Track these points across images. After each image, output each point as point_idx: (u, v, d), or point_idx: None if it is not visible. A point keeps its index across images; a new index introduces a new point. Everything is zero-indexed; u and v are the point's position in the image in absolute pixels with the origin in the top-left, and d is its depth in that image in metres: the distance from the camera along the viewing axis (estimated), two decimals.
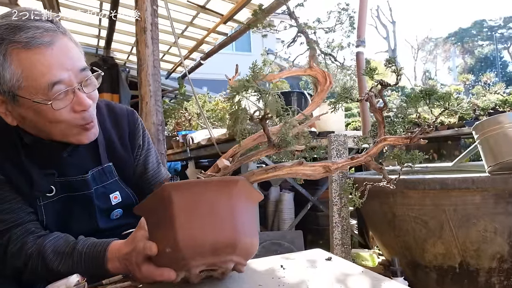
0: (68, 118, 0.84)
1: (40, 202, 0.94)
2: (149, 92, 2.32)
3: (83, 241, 0.86)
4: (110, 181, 1.04)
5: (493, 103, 4.42)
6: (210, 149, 3.27)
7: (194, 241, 0.62)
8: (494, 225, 1.97)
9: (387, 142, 0.71)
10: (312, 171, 0.72)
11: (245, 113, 0.61)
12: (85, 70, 0.86)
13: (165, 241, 0.65)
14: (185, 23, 4.47)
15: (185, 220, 0.63)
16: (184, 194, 0.65)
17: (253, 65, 0.64)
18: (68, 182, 0.97)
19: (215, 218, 0.65)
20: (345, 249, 2.59)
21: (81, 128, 0.88)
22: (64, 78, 0.81)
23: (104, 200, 1.03)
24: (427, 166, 3.00)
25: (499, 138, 1.92)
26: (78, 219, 0.99)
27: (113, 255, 0.80)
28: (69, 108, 0.84)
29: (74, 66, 0.83)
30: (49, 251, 0.84)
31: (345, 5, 1.92)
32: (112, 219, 1.06)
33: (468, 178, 1.96)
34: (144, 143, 1.15)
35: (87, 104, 0.85)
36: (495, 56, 22.98)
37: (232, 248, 0.64)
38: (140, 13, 2.29)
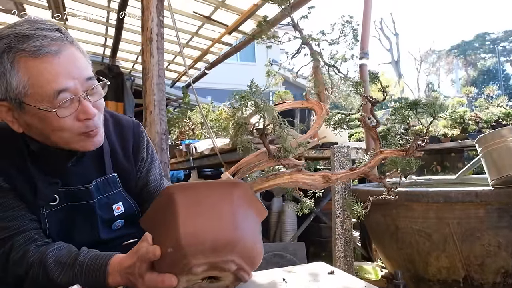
0: (72, 126, 0.85)
1: (44, 211, 0.94)
2: (153, 102, 2.34)
3: (85, 252, 0.85)
4: (114, 192, 1.04)
5: (496, 116, 4.42)
6: (213, 159, 3.27)
7: (195, 238, 0.63)
8: (498, 239, 1.95)
9: (383, 155, 0.73)
10: (312, 180, 0.73)
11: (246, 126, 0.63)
12: (91, 79, 0.87)
13: (167, 241, 0.66)
14: (190, 33, 4.52)
15: (187, 219, 0.65)
16: (187, 194, 0.67)
17: (251, 83, 0.66)
18: (71, 191, 0.97)
19: (216, 217, 0.66)
20: (347, 261, 2.57)
21: (85, 136, 0.89)
22: (70, 86, 0.82)
23: (107, 210, 1.03)
24: (430, 179, 3.00)
25: (502, 151, 1.92)
26: (80, 229, 0.99)
27: (114, 269, 0.79)
28: (74, 116, 0.84)
29: (81, 75, 0.84)
30: (50, 261, 0.84)
31: (348, 18, 1.94)
32: (113, 229, 1.06)
33: (472, 191, 1.95)
34: (147, 156, 1.15)
35: (92, 113, 0.86)
36: (498, 69, 23.02)
37: (232, 246, 0.65)
38: (146, 24, 2.32)
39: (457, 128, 4.85)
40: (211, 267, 0.66)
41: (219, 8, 3.81)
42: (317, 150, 3.00)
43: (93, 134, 0.89)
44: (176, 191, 0.68)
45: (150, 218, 0.73)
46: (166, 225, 0.67)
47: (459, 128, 4.81)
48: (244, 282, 0.74)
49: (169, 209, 0.67)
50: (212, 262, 0.65)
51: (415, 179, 3.02)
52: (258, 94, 0.70)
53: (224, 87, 14.26)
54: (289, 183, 0.74)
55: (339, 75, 1.81)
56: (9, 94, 0.80)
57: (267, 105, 0.65)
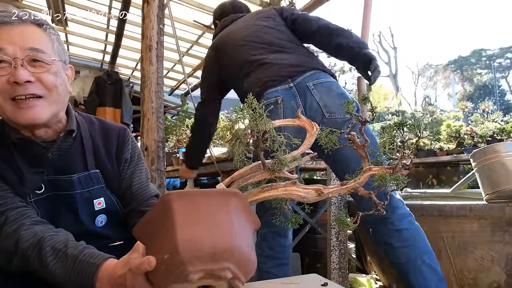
0: (3, 88, 0.86)
1: (31, 198, 0.96)
2: (151, 109, 2.35)
3: (82, 247, 0.85)
4: (96, 187, 1.06)
5: (491, 131, 4.47)
6: (210, 167, 3.27)
7: (193, 244, 0.63)
8: (491, 253, 1.96)
9: (372, 172, 0.76)
10: (305, 193, 0.75)
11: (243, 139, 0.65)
12: (36, 50, 0.89)
13: (164, 248, 0.65)
14: (190, 42, 4.56)
15: (185, 225, 0.64)
16: (184, 202, 0.67)
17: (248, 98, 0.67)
18: (55, 180, 1.00)
19: (214, 225, 0.66)
20: (342, 273, 2.56)
21: (16, 104, 0.88)
22: (7, 48, 0.86)
23: (88, 204, 1.04)
24: (426, 192, 3.01)
25: (496, 166, 1.94)
26: (65, 218, 1.01)
27: (104, 275, 0.78)
28: (5, 79, 0.86)
29: (24, 43, 0.88)
30: (48, 244, 0.84)
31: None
32: (97, 225, 1.06)
33: (466, 205, 1.96)
34: (132, 158, 1.17)
35: (21, 78, 0.86)
36: (493, 85, 23.30)
37: (230, 254, 0.65)
38: (146, 31, 2.35)
39: (453, 142, 4.90)
40: (207, 274, 0.66)
41: None
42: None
43: (25, 105, 0.89)
44: (173, 198, 0.67)
45: (145, 226, 0.72)
46: (162, 232, 0.67)
47: (455, 142, 4.85)
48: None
49: (166, 216, 0.66)
50: (208, 270, 0.65)
51: (410, 191, 3.03)
52: (255, 107, 0.71)
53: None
54: (283, 195, 0.75)
55: None
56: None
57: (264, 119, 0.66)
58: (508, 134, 4.35)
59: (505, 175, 1.90)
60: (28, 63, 0.88)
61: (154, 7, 2.37)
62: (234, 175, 0.84)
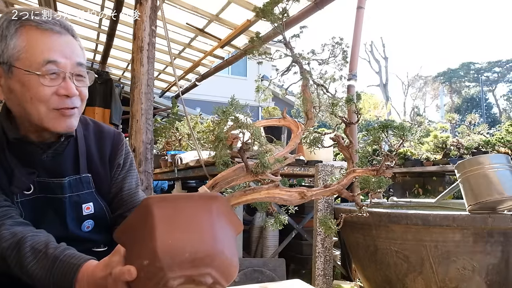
0: (49, 98, 0.89)
1: (18, 198, 0.95)
2: (140, 110, 2.34)
3: (63, 247, 0.84)
4: (86, 191, 1.05)
5: (477, 143, 4.55)
6: (198, 171, 3.26)
7: (172, 250, 0.62)
8: (473, 263, 1.99)
9: (356, 174, 0.77)
10: (288, 196, 0.75)
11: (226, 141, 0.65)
12: (81, 66, 0.95)
13: (143, 254, 0.64)
14: (183, 44, 4.55)
15: (165, 231, 0.63)
16: (165, 206, 0.66)
17: (231, 99, 0.68)
18: (46, 182, 0.99)
19: (195, 230, 0.65)
20: (326, 280, 2.57)
21: (59, 114, 0.91)
22: (59, 61, 0.89)
23: (76, 208, 1.03)
24: (411, 201, 3.05)
25: (479, 178, 1.98)
26: (50, 221, 0.99)
27: (83, 276, 0.77)
28: (54, 90, 0.89)
29: (72, 58, 0.92)
30: (27, 244, 0.83)
31: (339, 39, 2.00)
32: (83, 230, 1.05)
33: (449, 215, 1.99)
34: (125, 164, 1.17)
35: (72, 92, 0.91)
36: (481, 98, 23.77)
37: (210, 259, 0.64)
38: (137, 32, 2.34)
39: (440, 153, 4.97)
40: (187, 280, 0.65)
41: (212, 22, 3.86)
42: (302, 167, 3.03)
43: (67, 113, 0.92)
44: (153, 203, 0.66)
45: (126, 230, 0.71)
46: (142, 237, 0.66)
47: (441, 153, 4.92)
48: None
49: (146, 221, 0.65)
50: (189, 275, 0.64)
51: (396, 200, 3.07)
52: (239, 110, 0.71)
53: (214, 100, 14.30)
54: (266, 198, 0.75)
55: (327, 94, 1.85)
56: (4, 56, 0.87)
57: (247, 121, 0.67)
58: (492, 147, 4.44)
59: (488, 187, 1.94)
60: (74, 77, 0.93)
61: (147, 9, 2.36)
62: (217, 178, 0.84)
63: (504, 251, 1.99)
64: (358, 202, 0.78)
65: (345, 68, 1.94)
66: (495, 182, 1.94)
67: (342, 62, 1.93)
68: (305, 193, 0.79)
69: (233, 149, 0.87)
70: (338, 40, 1.96)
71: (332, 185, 0.81)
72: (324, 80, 2.04)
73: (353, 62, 3.47)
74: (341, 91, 1.89)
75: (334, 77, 1.84)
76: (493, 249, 1.98)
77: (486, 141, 4.46)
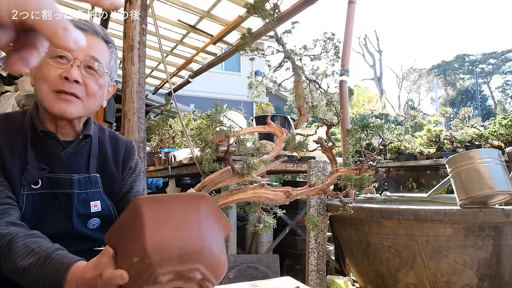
0: (52, 78, 0.94)
1: (24, 191, 0.98)
2: (132, 109, 2.33)
3: (56, 247, 0.84)
4: (94, 190, 1.09)
5: (470, 136, 4.58)
6: (192, 168, 3.26)
7: (161, 246, 0.64)
8: (464, 257, 2.01)
9: (339, 173, 0.78)
10: (274, 195, 0.76)
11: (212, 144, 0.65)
12: (96, 60, 0.99)
13: (133, 252, 0.65)
14: (174, 41, 4.53)
15: (154, 229, 0.65)
16: (154, 206, 0.68)
17: (216, 104, 0.68)
18: (56, 178, 1.03)
19: (184, 227, 0.67)
20: (320, 275, 2.59)
21: (57, 96, 0.96)
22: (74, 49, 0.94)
23: (84, 205, 1.06)
24: (404, 196, 3.07)
25: (470, 173, 1.99)
26: (55, 217, 1.02)
27: (72, 276, 0.77)
28: (59, 73, 0.95)
29: (88, 51, 0.98)
30: (20, 243, 0.83)
31: (331, 35, 1.99)
32: (88, 227, 1.07)
33: (441, 210, 2.01)
34: (136, 168, 1.24)
35: (72, 75, 0.95)
36: (475, 90, 23.86)
37: (199, 255, 0.65)
38: (128, 31, 2.32)
39: (433, 147, 5.00)
40: (177, 276, 0.66)
41: (204, 18, 3.84)
42: (295, 163, 3.04)
43: (64, 97, 0.97)
44: (142, 203, 0.68)
45: (116, 231, 0.72)
46: (132, 236, 0.67)
47: (435, 147, 4.95)
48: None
49: (135, 220, 0.67)
50: (178, 271, 0.65)
51: (389, 195, 3.09)
52: (224, 114, 0.71)
53: (208, 96, 14.26)
54: (252, 197, 0.76)
55: (319, 90, 1.85)
56: None
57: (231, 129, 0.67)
58: (486, 140, 4.47)
59: (479, 182, 1.96)
60: (83, 67, 0.98)
61: (137, 7, 2.34)
62: (205, 181, 0.85)
63: (495, 245, 2.01)
64: (342, 199, 0.79)
65: (337, 63, 1.94)
66: (486, 176, 1.95)
67: (334, 57, 1.93)
68: (290, 193, 0.80)
69: (220, 151, 0.87)
70: (329, 36, 1.95)
71: (317, 185, 0.82)
72: (317, 76, 2.04)
73: (345, 57, 3.46)
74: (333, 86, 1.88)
75: (326, 72, 1.82)
76: (484, 243, 2.00)
77: (479, 135, 4.49)
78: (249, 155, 0.79)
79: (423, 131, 5.11)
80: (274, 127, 0.90)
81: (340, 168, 0.80)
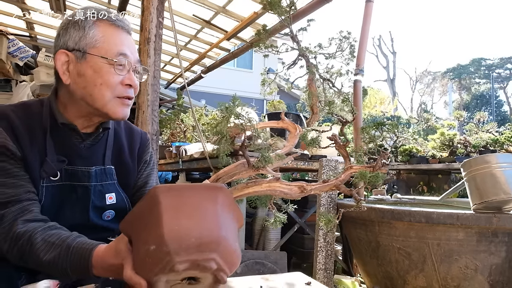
0: (115, 85, 1.00)
1: (44, 183, 0.99)
2: (146, 102, 2.34)
3: (74, 236, 0.87)
4: (108, 182, 1.11)
5: (485, 141, 4.50)
6: (202, 163, 3.27)
7: (179, 235, 0.64)
8: (476, 262, 1.98)
9: (353, 170, 0.78)
10: (288, 189, 0.76)
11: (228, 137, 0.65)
12: (139, 63, 1.08)
13: (150, 240, 0.66)
14: (189, 36, 4.54)
15: (171, 217, 0.65)
16: (171, 195, 0.68)
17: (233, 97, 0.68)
18: (74, 171, 1.05)
19: (201, 217, 0.67)
20: (327, 274, 2.58)
21: (120, 101, 1.02)
22: (129, 56, 1.03)
23: (100, 197, 1.08)
24: (415, 198, 3.03)
25: (486, 177, 1.95)
26: (72, 209, 1.04)
27: (97, 262, 0.81)
28: (120, 79, 1.01)
29: (135, 54, 1.06)
30: (39, 239, 0.86)
31: (346, 34, 1.98)
32: (103, 219, 1.10)
33: (453, 214, 1.98)
34: (150, 161, 1.27)
35: (135, 83, 1.04)
36: (491, 95, 23.41)
37: (215, 245, 0.66)
38: (145, 24, 2.33)
39: (446, 151, 4.93)
40: (193, 265, 0.66)
41: (219, 14, 3.84)
42: (306, 162, 3.02)
43: (126, 103, 1.04)
44: (160, 192, 0.68)
45: (132, 219, 0.73)
46: (149, 224, 0.68)
47: (448, 151, 4.88)
48: (222, 284, 0.74)
49: (153, 208, 0.67)
50: (194, 260, 0.65)
51: (400, 197, 3.05)
52: (241, 107, 0.71)
53: (219, 92, 14.28)
54: (267, 190, 0.76)
55: (333, 89, 1.84)
56: (80, 43, 0.98)
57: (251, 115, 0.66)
58: (501, 145, 4.39)
59: (494, 186, 1.92)
60: (135, 72, 1.06)
61: (154, 0, 2.35)
62: (220, 173, 0.85)
63: (508, 252, 1.97)
64: (356, 196, 0.78)
65: (352, 62, 1.92)
66: (502, 181, 1.92)
67: (349, 56, 1.91)
68: (305, 187, 0.80)
69: (236, 144, 0.87)
70: (345, 34, 1.94)
71: (330, 181, 0.82)
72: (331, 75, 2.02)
73: (361, 56, 3.43)
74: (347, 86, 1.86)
75: (341, 71, 1.80)
76: (497, 249, 1.97)
77: (495, 140, 4.41)
78: (266, 148, 0.79)
79: (436, 135, 5.04)
80: (288, 122, 0.89)
81: (354, 165, 0.80)
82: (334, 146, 0.78)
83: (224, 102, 0.89)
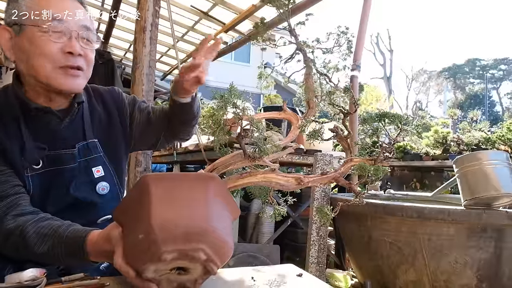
0: (55, 55, 0.92)
1: (28, 173, 0.97)
2: (141, 92, 2.33)
3: (66, 225, 0.86)
4: (94, 156, 1.08)
5: (477, 139, 4.54)
6: (197, 155, 3.27)
7: (167, 224, 0.64)
8: (465, 258, 2.01)
9: (353, 163, 0.77)
10: (285, 181, 0.76)
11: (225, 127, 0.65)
12: (88, 29, 0.98)
13: (139, 228, 0.66)
14: (186, 27, 4.50)
15: (160, 206, 0.65)
16: (162, 185, 0.68)
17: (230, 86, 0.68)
18: (57, 155, 1.01)
19: (190, 207, 0.67)
20: (320, 267, 2.60)
21: (64, 72, 0.94)
22: (66, 20, 0.93)
23: (87, 173, 1.05)
24: (408, 194, 3.06)
25: (477, 174, 1.98)
26: (61, 191, 1.01)
27: (91, 249, 0.81)
28: (59, 47, 0.92)
29: (79, 20, 0.96)
30: (31, 232, 0.85)
31: (344, 29, 1.97)
32: (99, 192, 1.06)
33: (445, 209, 2.00)
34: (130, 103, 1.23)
35: (76, 50, 0.94)
36: (484, 95, 23.60)
37: (203, 235, 0.65)
38: (141, 12, 2.31)
39: (439, 148, 4.97)
40: (181, 255, 0.66)
41: (217, 5, 3.81)
42: (301, 156, 3.03)
43: (71, 73, 0.96)
44: (151, 180, 0.68)
45: (124, 207, 0.73)
46: (139, 213, 0.67)
47: (441, 148, 4.92)
48: (213, 275, 0.73)
49: (143, 197, 0.67)
50: (182, 250, 0.65)
51: (393, 193, 3.08)
52: (238, 97, 0.71)
53: (215, 85, 14.18)
54: (262, 182, 0.76)
55: (330, 84, 1.84)
56: (16, 16, 0.92)
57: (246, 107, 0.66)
58: (493, 144, 4.44)
59: (485, 183, 1.95)
60: (80, 39, 0.96)
61: None
62: (216, 163, 0.84)
63: (496, 247, 2.00)
64: (355, 189, 0.78)
65: (349, 58, 1.93)
66: (493, 178, 1.94)
67: (347, 52, 1.91)
68: (302, 179, 0.79)
69: (232, 134, 0.87)
70: (343, 30, 1.93)
71: (330, 173, 0.81)
72: (328, 70, 2.02)
73: (358, 52, 3.44)
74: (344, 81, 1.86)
75: (338, 66, 1.80)
76: (486, 244, 2.00)
77: (487, 138, 4.46)
78: (262, 139, 0.78)
79: (430, 132, 5.07)
80: (290, 113, 0.89)
81: (355, 158, 0.79)
82: (336, 138, 0.78)
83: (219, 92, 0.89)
